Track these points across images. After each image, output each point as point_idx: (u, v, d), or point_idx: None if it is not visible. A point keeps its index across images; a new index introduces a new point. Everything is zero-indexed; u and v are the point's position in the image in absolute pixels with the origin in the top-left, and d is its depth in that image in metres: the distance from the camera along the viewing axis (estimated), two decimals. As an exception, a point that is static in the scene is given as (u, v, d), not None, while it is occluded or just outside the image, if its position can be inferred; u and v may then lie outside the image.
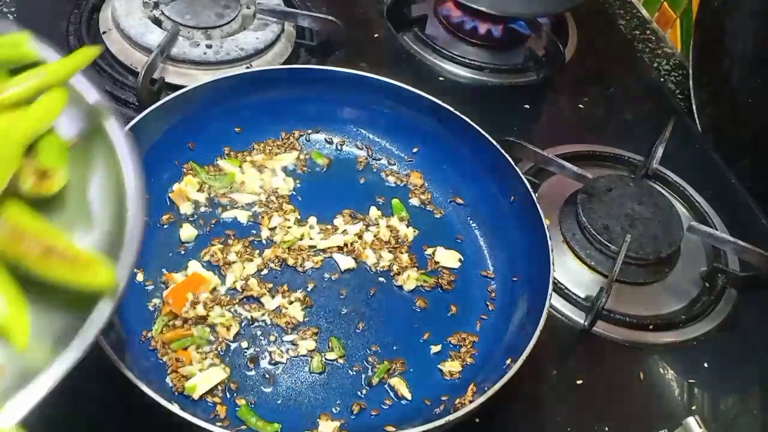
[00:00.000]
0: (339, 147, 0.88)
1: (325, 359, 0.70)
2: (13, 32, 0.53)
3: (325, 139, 0.88)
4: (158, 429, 0.61)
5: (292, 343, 0.71)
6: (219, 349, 0.69)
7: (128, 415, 0.64)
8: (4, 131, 0.47)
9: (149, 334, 0.68)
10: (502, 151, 0.80)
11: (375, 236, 0.80)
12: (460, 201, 0.85)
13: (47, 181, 0.48)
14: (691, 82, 1.09)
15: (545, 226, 0.74)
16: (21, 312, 0.44)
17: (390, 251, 0.79)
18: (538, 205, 0.75)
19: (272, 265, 0.76)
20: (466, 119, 0.82)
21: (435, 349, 0.72)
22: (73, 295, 0.44)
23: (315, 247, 0.78)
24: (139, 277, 0.72)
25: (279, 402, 0.67)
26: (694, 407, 0.76)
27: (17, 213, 0.46)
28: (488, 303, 0.77)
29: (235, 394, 0.66)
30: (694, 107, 1.08)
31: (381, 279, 0.77)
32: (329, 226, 0.80)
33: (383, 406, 0.68)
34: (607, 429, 0.73)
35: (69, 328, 0.43)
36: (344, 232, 0.79)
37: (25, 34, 0.53)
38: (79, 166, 0.51)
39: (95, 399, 0.66)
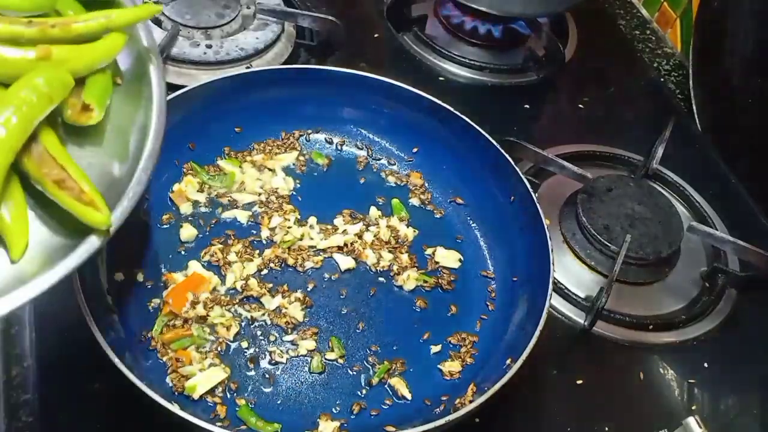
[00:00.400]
0: (339, 147, 0.88)
1: (325, 359, 0.70)
2: None
3: (325, 139, 0.88)
4: (158, 429, 0.61)
5: (292, 343, 0.71)
6: (219, 349, 0.69)
7: (128, 415, 0.64)
8: (62, 60, 0.52)
9: (149, 334, 0.68)
10: (502, 151, 0.80)
11: (375, 236, 0.80)
12: (460, 201, 0.85)
13: (86, 113, 0.53)
14: (691, 82, 1.09)
15: (545, 226, 0.74)
16: (22, 228, 0.49)
17: (390, 251, 0.79)
18: (538, 205, 0.75)
19: (272, 265, 0.76)
20: (466, 119, 0.82)
21: (435, 349, 0.72)
22: (74, 223, 0.49)
23: (315, 247, 0.78)
24: (139, 277, 0.72)
25: (279, 402, 0.67)
26: (694, 407, 0.76)
27: (50, 139, 0.50)
28: (488, 303, 0.77)
29: (235, 394, 0.66)
30: (694, 107, 1.08)
31: (381, 279, 0.77)
32: (329, 226, 0.80)
33: (383, 406, 0.68)
34: (607, 429, 0.73)
35: (62, 250, 0.49)
36: (344, 232, 0.79)
37: None
38: (128, 102, 0.56)
39: (95, 399, 0.66)
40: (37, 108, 0.49)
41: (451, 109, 0.82)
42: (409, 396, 0.68)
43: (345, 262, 0.77)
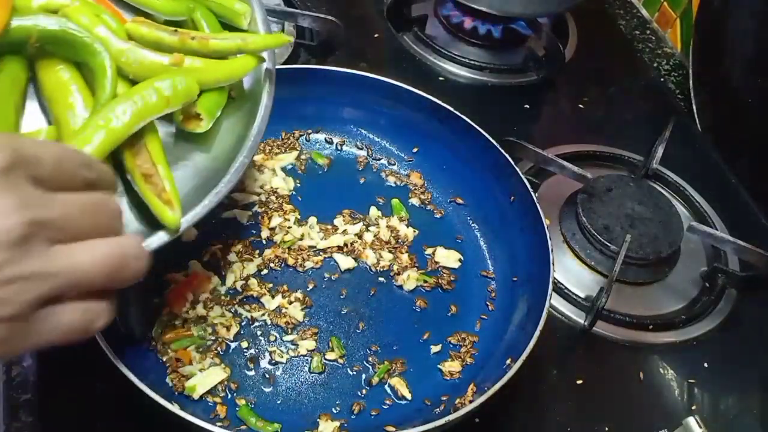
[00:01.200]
0: (339, 147, 0.88)
1: (325, 359, 0.70)
2: None
3: (325, 139, 0.88)
4: (158, 429, 0.61)
5: (292, 343, 0.71)
6: (219, 349, 0.69)
7: (128, 415, 0.64)
8: (192, 70, 0.57)
9: (149, 334, 0.68)
10: (502, 151, 0.80)
11: (375, 236, 0.80)
12: (460, 201, 0.85)
13: (196, 122, 0.58)
14: (691, 82, 1.09)
15: (545, 226, 0.74)
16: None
17: (390, 251, 0.79)
18: (538, 205, 0.75)
19: (272, 265, 0.76)
20: (466, 119, 0.82)
21: (435, 349, 0.72)
22: (150, 216, 0.53)
23: (315, 247, 0.78)
24: (139, 277, 0.72)
25: (279, 402, 0.67)
26: (694, 407, 0.76)
27: (151, 135, 0.54)
28: (488, 303, 0.77)
29: (235, 394, 0.66)
30: (694, 107, 1.08)
31: (381, 279, 0.77)
32: (329, 226, 0.80)
33: (383, 406, 0.68)
34: (607, 429, 0.73)
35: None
36: (344, 232, 0.79)
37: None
38: (235, 114, 0.62)
39: (95, 399, 0.66)
40: (153, 108, 0.53)
41: (451, 109, 0.82)
42: (409, 396, 0.68)
43: (345, 262, 0.77)
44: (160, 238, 0.52)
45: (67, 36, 0.52)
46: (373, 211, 0.82)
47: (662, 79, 1.16)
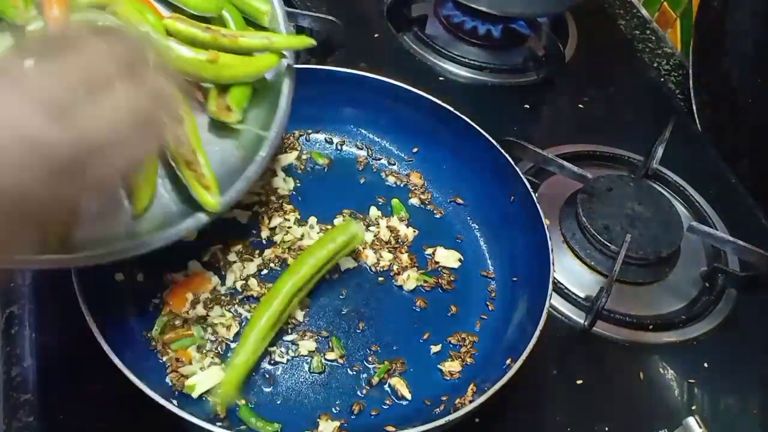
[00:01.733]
0: (339, 147, 0.88)
1: (325, 359, 0.70)
2: None
3: (325, 139, 0.88)
4: (158, 429, 0.61)
5: (293, 343, 0.71)
6: (219, 349, 0.69)
7: (128, 415, 0.64)
8: (226, 66, 0.63)
9: (149, 334, 0.68)
10: (502, 151, 0.80)
11: (375, 236, 0.80)
12: (460, 201, 0.85)
13: (227, 113, 0.64)
14: (691, 82, 1.09)
15: (545, 226, 0.74)
16: (148, 191, 0.60)
17: (390, 251, 0.79)
18: (538, 205, 0.75)
19: (272, 265, 0.76)
20: (466, 119, 0.82)
21: (435, 349, 0.72)
22: (191, 200, 0.61)
23: (315, 247, 0.78)
24: (139, 277, 0.72)
25: (279, 402, 0.67)
26: (694, 407, 0.76)
27: (191, 127, 0.61)
28: (488, 303, 0.77)
29: (235, 394, 0.66)
30: (694, 107, 1.08)
31: (381, 279, 0.77)
32: (329, 226, 0.80)
33: (383, 406, 0.68)
34: (607, 429, 0.73)
35: (177, 219, 0.61)
36: (344, 232, 0.79)
37: None
38: (259, 105, 0.68)
39: (95, 399, 0.66)
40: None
41: (451, 109, 0.82)
42: (409, 396, 0.68)
43: (345, 262, 0.77)
44: (198, 220, 0.59)
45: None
46: (373, 211, 0.82)
47: (662, 79, 1.16)
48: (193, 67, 0.62)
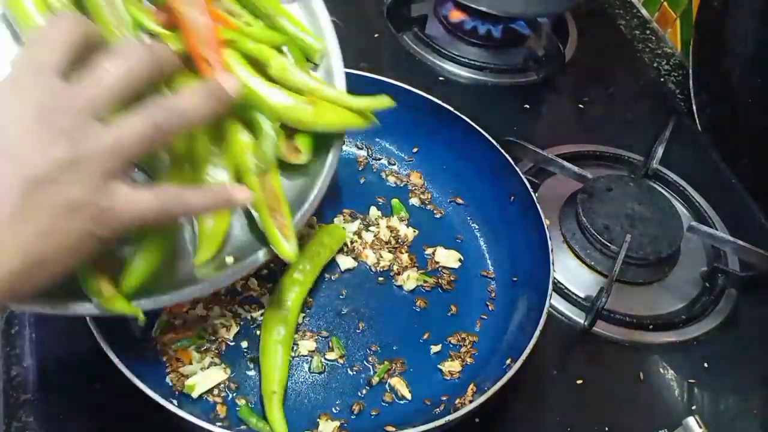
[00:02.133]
0: (339, 147, 0.88)
1: (325, 359, 0.70)
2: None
3: (325, 139, 0.88)
4: (158, 429, 0.61)
5: (292, 342, 0.71)
6: (219, 349, 0.69)
7: (128, 415, 0.64)
8: (320, 114, 0.64)
9: (149, 334, 0.68)
10: (502, 151, 0.80)
11: (375, 236, 0.80)
12: (460, 201, 0.85)
13: (296, 154, 0.64)
14: (691, 82, 1.09)
15: (545, 226, 0.74)
16: (215, 242, 0.60)
17: (390, 251, 0.79)
18: (538, 205, 0.76)
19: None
20: (466, 119, 0.82)
21: (435, 349, 0.72)
22: (254, 239, 0.62)
23: (315, 247, 0.78)
24: (139, 277, 0.72)
25: (279, 402, 0.67)
26: (694, 407, 0.76)
27: (276, 177, 0.62)
28: (488, 303, 0.77)
29: (235, 394, 0.66)
30: (694, 107, 1.08)
31: (381, 279, 0.77)
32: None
33: (383, 406, 0.68)
34: (607, 429, 0.73)
35: (247, 250, 0.61)
36: (344, 232, 0.79)
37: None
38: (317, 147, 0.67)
39: (95, 399, 0.66)
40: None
41: (451, 109, 0.82)
42: (409, 396, 0.68)
43: (345, 262, 0.77)
44: (256, 260, 0.59)
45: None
46: (373, 211, 0.82)
47: (662, 79, 1.16)
48: (293, 113, 0.62)
